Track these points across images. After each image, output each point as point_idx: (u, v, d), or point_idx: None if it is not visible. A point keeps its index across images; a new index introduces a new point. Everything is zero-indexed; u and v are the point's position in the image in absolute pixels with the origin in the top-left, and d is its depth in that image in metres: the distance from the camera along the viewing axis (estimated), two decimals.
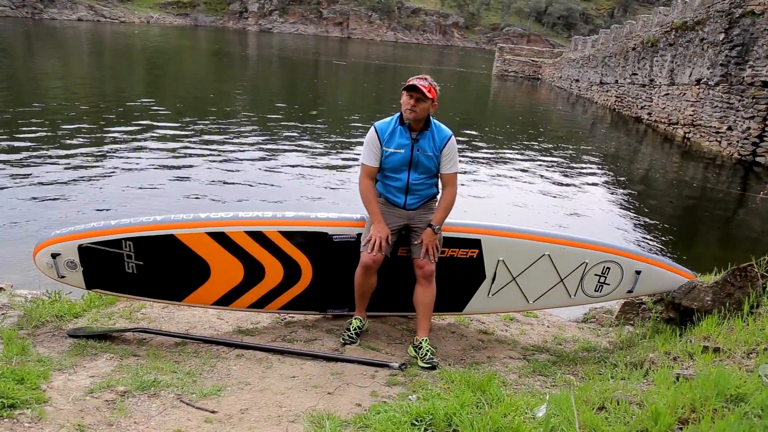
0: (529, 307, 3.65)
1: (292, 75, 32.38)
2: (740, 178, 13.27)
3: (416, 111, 3.02)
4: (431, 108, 3.08)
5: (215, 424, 2.31)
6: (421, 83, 3.01)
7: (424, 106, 3.02)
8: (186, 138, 12.34)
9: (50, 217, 7.02)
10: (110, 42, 42.15)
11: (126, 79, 23.40)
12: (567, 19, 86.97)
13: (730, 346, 2.61)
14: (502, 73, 41.37)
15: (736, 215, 10.84)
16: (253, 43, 56.89)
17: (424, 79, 3.05)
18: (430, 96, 3.01)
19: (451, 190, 3.20)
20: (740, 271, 3.14)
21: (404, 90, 3.04)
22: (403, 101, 3.05)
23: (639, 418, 1.98)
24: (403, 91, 3.05)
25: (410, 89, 3.01)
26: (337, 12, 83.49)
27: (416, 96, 3.00)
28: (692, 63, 17.40)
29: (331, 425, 2.23)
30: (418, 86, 2.99)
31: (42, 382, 2.44)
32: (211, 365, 2.85)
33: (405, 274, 3.26)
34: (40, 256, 3.03)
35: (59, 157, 9.73)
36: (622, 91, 24.34)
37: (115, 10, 69.40)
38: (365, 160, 3.18)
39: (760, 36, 14.03)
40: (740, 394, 2.00)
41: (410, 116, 3.04)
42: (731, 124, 14.83)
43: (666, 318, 3.52)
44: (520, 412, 2.22)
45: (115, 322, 3.39)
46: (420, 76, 3.09)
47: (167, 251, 3.09)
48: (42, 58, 27.19)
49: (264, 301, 3.30)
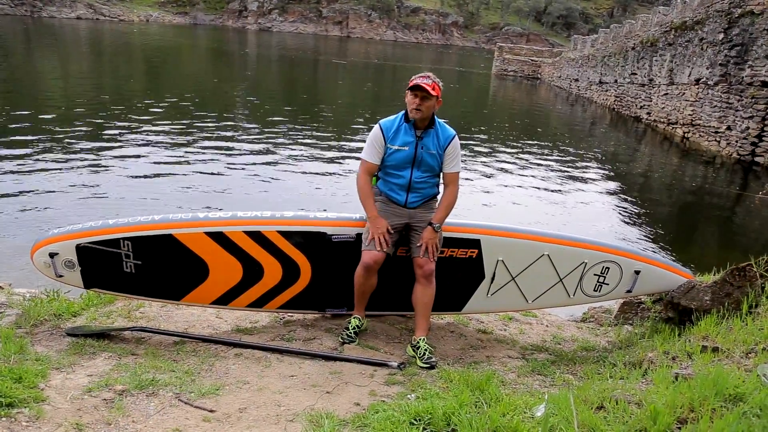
0: (528, 307, 3.65)
1: (292, 74, 32.36)
2: (739, 177, 13.28)
3: (422, 110, 3.04)
4: (436, 105, 3.09)
5: (213, 423, 2.30)
6: (425, 82, 3.02)
7: (429, 104, 3.04)
8: (185, 137, 12.32)
9: (48, 216, 7.01)
10: (109, 40, 42.10)
11: (125, 77, 23.37)
12: (566, 18, 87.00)
13: (728, 345, 2.61)
14: (502, 73, 41.37)
15: (735, 215, 10.85)
16: (252, 42, 56.85)
17: (428, 77, 3.06)
18: (434, 93, 3.02)
19: (453, 189, 3.21)
20: (739, 270, 3.14)
21: (409, 90, 3.04)
22: (408, 101, 3.07)
23: (638, 418, 1.98)
24: (407, 91, 3.06)
25: (415, 89, 3.02)
26: (337, 11, 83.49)
27: (421, 95, 3.02)
28: (691, 63, 17.41)
29: (330, 424, 2.23)
30: (422, 85, 3.00)
31: (40, 380, 2.43)
32: (209, 364, 2.85)
33: (404, 273, 3.25)
34: (37, 256, 3.02)
35: (57, 156, 9.71)
36: (622, 91, 24.35)
37: (114, 8, 69.35)
38: (366, 156, 3.19)
39: (760, 36, 14.04)
40: (739, 394, 2.00)
41: (416, 115, 3.06)
42: (730, 123, 14.84)
43: (665, 318, 3.52)
44: (519, 412, 2.22)
45: (114, 320, 3.38)
46: (423, 74, 3.10)
47: (165, 251, 3.08)
48: (40, 56, 27.17)
49: (263, 301, 3.29)
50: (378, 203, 3.22)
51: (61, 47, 34.19)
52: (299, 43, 57.84)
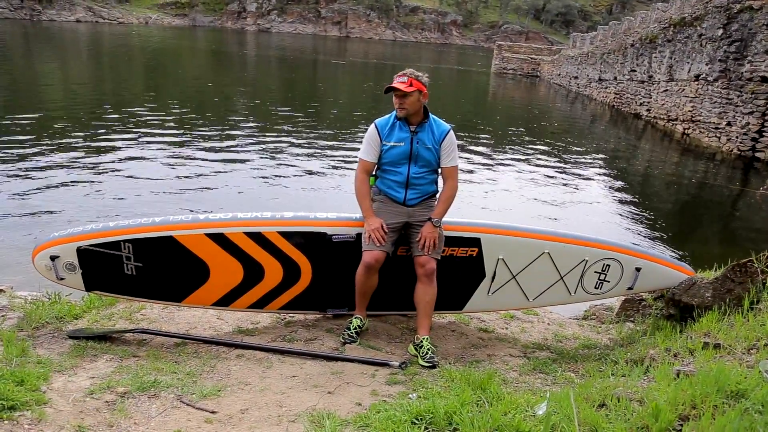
0: (529, 305, 3.65)
1: (291, 74, 32.36)
2: (740, 173, 13.27)
3: (405, 107, 3.10)
4: (422, 98, 3.12)
5: (215, 424, 2.31)
6: (398, 81, 3.08)
7: (410, 100, 3.09)
8: (184, 138, 12.33)
9: (49, 219, 7.01)
10: (108, 43, 42.11)
11: (124, 80, 23.38)
12: (565, 16, 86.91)
13: (730, 342, 2.61)
14: (501, 71, 41.34)
15: (736, 211, 10.83)
16: (251, 42, 56.83)
17: (404, 75, 3.11)
18: (411, 89, 3.06)
19: (452, 183, 3.23)
20: (740, 267, 3.14)
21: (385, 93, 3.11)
22: (393, 102, 3.13)
23: (639, 415, 1.98)
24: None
25: (389, 91, 3.10)
26: (336, 11, 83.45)
27: (398, 94, 3.08)
28: (691, 59, 17.39)
29: (332, 424, 2.23)
30: (394, 86, 3.07)
31: (42, 383, 2.44)
32: (211, 365, 2.85)
33: (405, 272, 3.25)
34: (38, 259, 3.02)
35: (58, 159, 9.72)
36: (621, 88, 24.33)
37: (113, 11, 69.35)
38: (363, 155, 3.22)
39: (759, 31, 14.02)
40: (741, 390, 2.00)
41: (401, 114, 3.14)
42: (730, 119, 14.83)
43: (666, 314, 3.52)
44: (521, 410, 2.22)
45: (115, 323, 3.39)
46: (399, 73, 3.15)
47: (166, 253, 3.08)
48: (40, 59, 27.18)
49: (264, 302, 3.29)
50: (377, 203, 3.23)
51: (60, 50, 34.21)
52: (298, 44, 57.82)
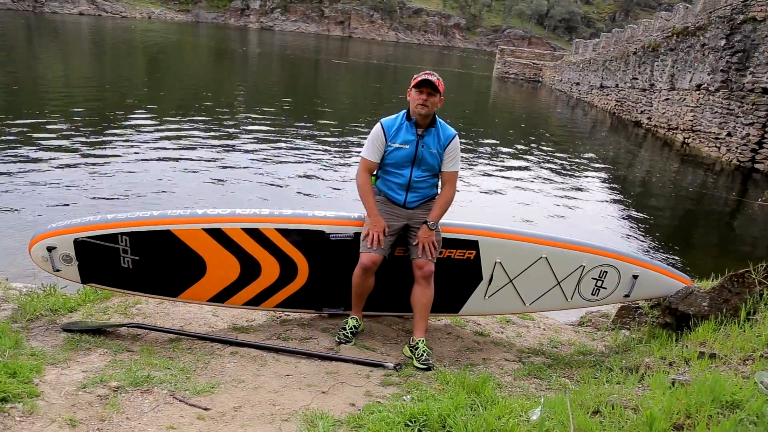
0: (526, 310, 3.64)
1: (293, 74, 32.35)
2: (739, 184, 13.29)
3: (428, 105, 3.05)
4: (439, 102, 3.10)
5: (208, 421, 2.29)
6: (431, 77, 3.04)
7: (434, 100, 3.06)
8: (185, 134, 12.32)
9: (46, 211, 6.99)
10: (111, 37, 42.06)
11: (126, 75, 23.36)
12: (568, 22, 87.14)
13: (726, 352, 2.60)
14: (503, 75, 41.39)
15: (734, 221, 10.85)
16: (253, 40, 56.83)
17: (432, 74, 3.08)
18: (440, 89, 3.04)
19: (450, 188, 3.22)
20: (737, 277, 3.14)
21: (414, 87, 3.05)
22: (412, 97, 3.07)
23: (634, 423, 1.98)
24: (411, 88, 3.07)
25: (422, 85, 3.03)
26: (339, 11, 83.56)
27: (427, 90, 3.03)
28: (693, 68, 17.42)
29: (325, 424, 2.22)
30: (429, 80, 3.02)
31: (35, 376, 2.42)
32: (205, 362, 2.84)
33: (402, 274, 3.25)
34: (35, 250, 3.01)
35: (56, 151, 9.71)
36: (623, 95, 24.36)
37: (116, 5, 69.35)
38: (366, 154, 3.19)
39: (761, 42, 14.05)
40: (736, 401, 1.99)
41: (422, 111, 3.06)
42: (731, 130, 14.85)
43: (662, 323, 3.51)
44: (515, 415, 2.21)
45: (110, 317, 3.38)
46: (426, 71, 3.12)
47: (163, 247, 3.07)
48: (43, 52, 27.12)
49: (260, 299, 3.28)
50: (377, 203, 3.21)
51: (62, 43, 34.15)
52: (301, 43, 57.83)
